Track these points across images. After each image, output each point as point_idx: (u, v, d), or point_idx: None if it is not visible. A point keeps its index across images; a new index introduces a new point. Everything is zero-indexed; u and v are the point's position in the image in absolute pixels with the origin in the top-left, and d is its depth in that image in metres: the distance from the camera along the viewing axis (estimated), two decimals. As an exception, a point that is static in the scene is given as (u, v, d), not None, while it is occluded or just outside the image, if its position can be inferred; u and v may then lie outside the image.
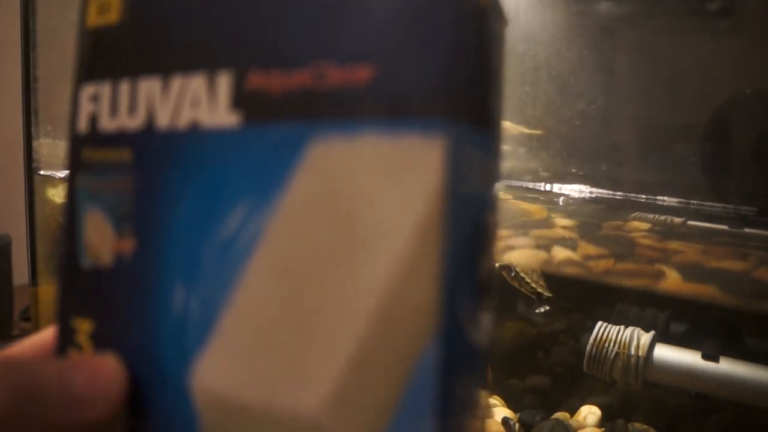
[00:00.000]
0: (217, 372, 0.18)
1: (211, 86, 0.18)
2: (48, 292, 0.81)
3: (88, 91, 0.20)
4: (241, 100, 0.17)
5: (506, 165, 0.52)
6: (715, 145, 0.38)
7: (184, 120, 0.18)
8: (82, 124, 0.20)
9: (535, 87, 0.43)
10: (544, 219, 0.48)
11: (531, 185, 0.55)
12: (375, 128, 0.16)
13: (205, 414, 0.18)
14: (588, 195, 0.48)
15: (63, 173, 0.78)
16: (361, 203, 0.16)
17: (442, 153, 0.15)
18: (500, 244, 0.44)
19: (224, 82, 0.18)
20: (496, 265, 0.59)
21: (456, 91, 0.15)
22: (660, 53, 0.40)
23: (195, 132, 0.18)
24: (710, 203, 0.40)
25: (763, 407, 0.44)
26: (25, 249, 0.82)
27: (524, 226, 0.46)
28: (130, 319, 0.19)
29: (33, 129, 0.77)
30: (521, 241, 0.45)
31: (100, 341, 0.20)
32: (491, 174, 0.17)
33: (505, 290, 0.59)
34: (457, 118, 0.15)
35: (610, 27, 0.43)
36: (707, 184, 0.39)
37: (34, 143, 0.78)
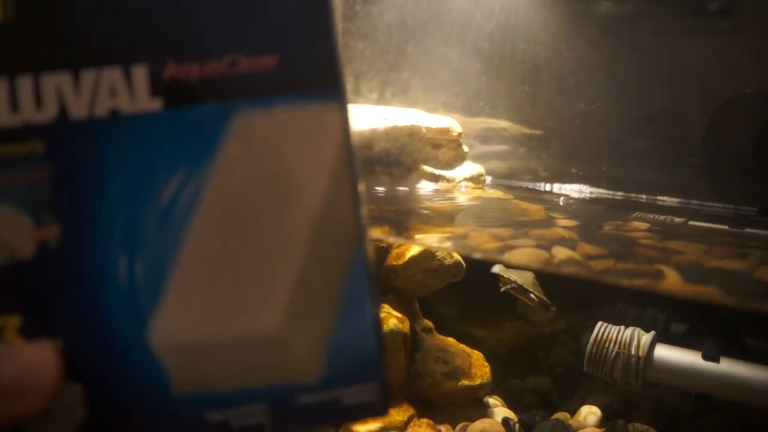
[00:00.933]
0: (177, 321, 0.20)
1: (128, 78, 0.20)
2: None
3: None
4: (160, 88, 0.20)
5: (506, 165, 0.52)
6: (715, 144, 0.38)
7: (102, 109, 0.20)
8: None
9: (535, 87, 0.43)
10: (544, 219, 0.48)
11: (531, 185, 0.55)
12: (285, 101, 0.21)
13: (171, 364, 0.20)
14: (588, 195, 0.48)
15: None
16: (284, 159, 0.20)
17: (338, 114, 0.21)
18: (500, 244, 0.44)
19: (141, 74, 0.20)
20: (500, 275, 0.59)
21: (339, 69, 0.21)
22: (660, 53, 0.40)
23: (116, 118, 0.20)
24: (710, 203, 0.40)
25: (764, 407, 0.44)
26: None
27: (524, 226, 0.46)
28: (68, 301, 0.20)
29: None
30: (521, 241, 0.45)
31: (33, 332, 0.20)
32: (350, 122, 0.22)
33: (505, 290, 0.59)
34: (339, 89, 0.21)
35: (611, 27, 0.43)
36: (707, 184, 0.39)
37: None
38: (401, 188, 0.51)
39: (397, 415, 0.54)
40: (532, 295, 0.57)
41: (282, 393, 0.20)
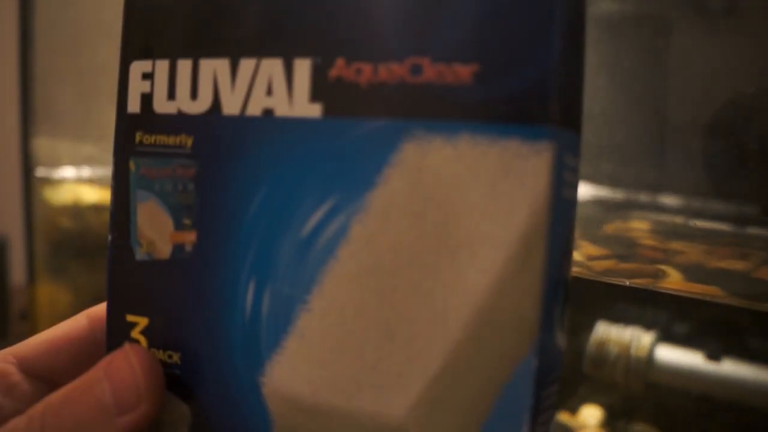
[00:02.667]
0: (294, 374, 0.17)
1: (289, 73, 0.17)
2: (45, 292, 0.81)
3: (139, 68, 0.19)
4: (322, 90, 0.16)
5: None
6: (717, 144, 0.37)
7: (255, 107, 0.17)
8: (134, 105, 0.19)
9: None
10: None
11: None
12: (476, 130, 0.15)
13: (279, 416, 0.17)
14: (589, 195, 0.48)
15: (60, 173, 0.77)
16: (459, 209, 0.15)
17: (549, 162, 0.14)
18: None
19: (304, 69, 0.16)
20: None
21: (561, 94, 0.15)
22: (662, 53, 0.40)
23: (269, 121, 0.17)
24: (713, 203, 0.40)
25: (766, 408, 0.44)
26: (22, 249, 0.82)
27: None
28: (191, 315, 0.18)
29: (30, 128, 0.76)
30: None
31: (156, 338, 0.19)
32: (578, 177, 0.17)
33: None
34: (562, 124, 0.15)
35: (612, 26, 0.42)
36: (710, 184, 0.39)
37: (32, 143, 0.77)
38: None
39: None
40: None
41: None
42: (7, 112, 0.80)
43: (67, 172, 0.76)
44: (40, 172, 0.77)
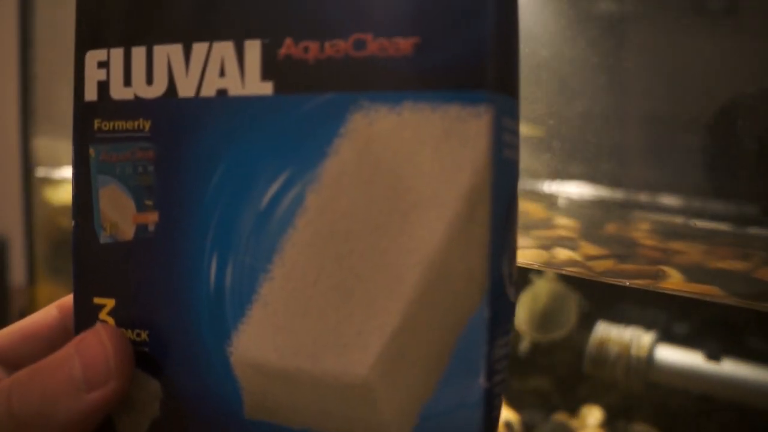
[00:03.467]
0: (260, 341, 0.17)
1: (240, 55, 0.17)
2: (45, 292, 0.81)
3: (94, 57, 0.19)
4: (273, 69, 0.17)
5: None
6: (718, 144, 0.37)
7: (209, 89, 0.18)
8: (91, 93, 0.19)
9: (536, 87, 0.43)
10: (544, 219, 0.48)
11: (531, 185, 0.55)
12: (418, 99, 0.16)
13: (247, 384, 0.18)
14: (589, 195, 0.48)
15: (60, 173, 0.77)
16: (406, 173, 0.16)
17: (488, 124, 0.15)
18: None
19: (254, 51, 0.17)
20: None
21: (497, 60, 0.16)
22: (662, 52, 0.40)
23: (223, 101, 0.18)
24: (713, 203, 0.40)
25: (766, 408, 0.44)
26: (22, 250, 0.82)
27: (524, 226, 0.46)
28: (157, 293, 0.19)
29: (30, 128, 0.77)
30: (522, 241, 0.45)
31: (124, 318, 0.19)
32: (518, 140, 0.17)
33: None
34: (499, 88, 0.16)
35: (612, 26, 0.42)
36: (710, 184, 0.39)
37: (32, 143, 0.77)
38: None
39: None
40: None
41: None
42: (7, 112, 0.80)
43: (67, 172, 0.76)
44: (40, 172, 0.77)
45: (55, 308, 0.22)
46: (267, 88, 0.17)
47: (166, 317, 0.18)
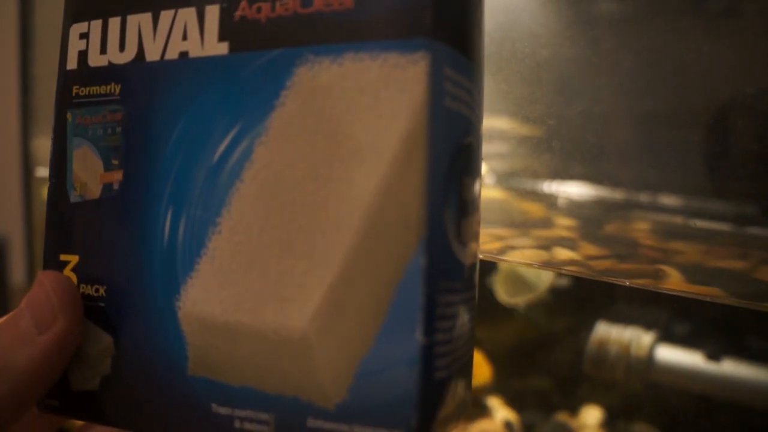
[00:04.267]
0: (206, 295, 0.18)
1: (201, 19, 0.18)
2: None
3: (77, 30, 0.21)
4: (229, 30, 0.18)
5: (506, 165, 0.52)
6: (717, 144, 0.37)
7: (173, 52, 0.19)
8: (72, 62, 0.21)
9: (536, 87, 0.43)
10: (544, 219, 0.48)
11: (531, 185, 0.55)
12: (359, 50, 0.16)
13: (193, 338, 0.18)
14: (589, 195, 0.48)
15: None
16: (347, 120, 0.16)
17: (425, 69, 0.16)
18: (501, 244, 0.44)
19: (213, 15, 0.18)
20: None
21: (438, 12, 0.16)
22: (662, 52, 0.40)
23: (184, 62, 0.19)
24: (713, 203, 0.40)
25: (766, 408, 0.44)
26: (22, 250, 0.82)
27: (524, 226, 0.46)
28: (116, 249, 0.19)
29: (30, 128, 0.76)
30: (521, 241, 0.45)
31: (85, 274, 0.19)
32: (473, 99, 0.17)
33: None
34: (437, 38, 0.16)
35: (612, 26, 0.42)
36: (710, 184, 0.39)
37: (32, 143, 0.77)
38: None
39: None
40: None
41: (292, 408, 0.16)
42: (7, 112, 0.80)
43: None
44: (40, 172, 0.77)
45: None
46: (223, 48, 0.18)
47: (122, 273, 0.19)
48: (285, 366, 0.17)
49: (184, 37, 0.18)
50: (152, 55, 0.19)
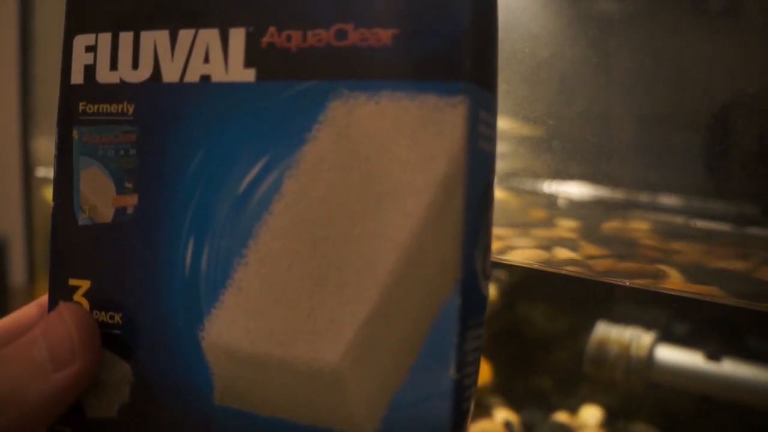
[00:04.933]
0: (232, 326, 0.17)
1: (224, 42, 0.18)
2: (45, 292, 0.81)
3: (82, 42, 0.20)
4: (256, 56, 0.17)
5: (506, 165, 0.52)
6: (717, 145, 0.37)
7: (193, 75, 0.18)
8: (77, 76, 0.20)
9: (536, 87, 0.43)
10: (544, 219, 0.48)
11: (531, 185, 0.55)
12: (397, 88, 0.16)
13: (219, 369, 0.18)
14: (589, 195, 0.48)
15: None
16: (383, 160, 0.16)
17: (464, 114, 0.16)
18: (501, 244, 0.44)
19: (238, 39, 0.17)
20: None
21: (474, 54, 0.16)
22: (662, 52, 0.40)
23: (206, 87, 0.18)
24: (713, 203, 0.40)
25: (766, 408, 0.44)
26: (22, 250, 0.82)
27: (524, 226, 0.46)
28: (132, 276, 0.19)
29: (30, 128, 0.76)
30: (521, 241, 0.45)
31: (98, 300, 0.19)
32: (494, 134, 0.18)
33: (505, 290, 0.58)
34: (475, 81, 0.16)
35: (612, 26, 0.42)
36: (710, 184, 0.39)
37: (32, 143, 0.77)
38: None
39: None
40: None
41: None
42: (7, 112, 0.80)
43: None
44: (40, 172, 0.77)
45: (35, 306, 0.22)
46: (250, 75, 0.17)
47: (139, 300, 0.18)
48: (317, 397, 0.17)
49: (206, 60, 0.18)
50: (170, 76, 0.18)
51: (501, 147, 0.53)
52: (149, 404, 0.18)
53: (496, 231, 0.46)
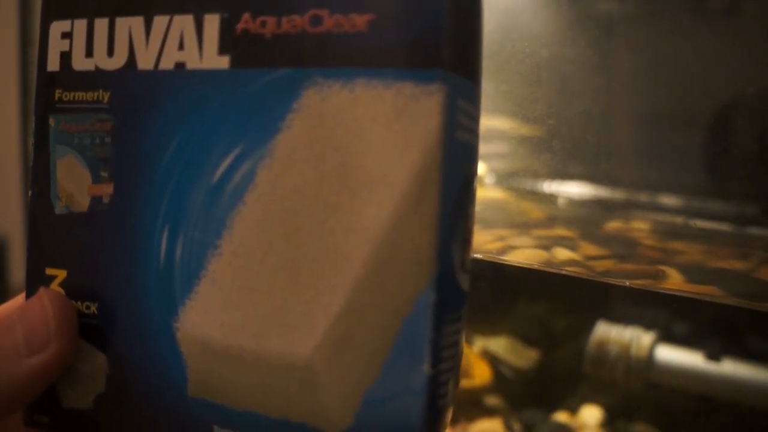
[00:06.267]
0: (206, 318, 0.17)
1: (199, 28, 0.17)
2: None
3: (58, 28, 0.19)
4: (231, 43, 0.17)
5: (506, 165, 0.52)
6: (718, 145, 0.37)
7: (168, 62, 0.18)
8: (53, 63, 0.19)
9: (536, 87, 0.43)
10: (544, 219, 0.48)
11: (531, 185, 0.55)
12: (372, 76, 0.16)
13: (192, 360, 0.17)
14: (589, 195, 0.48)
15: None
16: (357, 150, 0.16)
17: (441, 103, 0.15)
18: (501, 244, 0.44)
19: (213, 25, 0.17)
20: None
21: (453, 41, 0.15)
22: (662, 52, 0.40)
23: (181, 74, 0.17)
24: (713, 203, 0.40)
25: (766, 408, 0.44)
26: (23, 250, 0.82)
27: (524, 226, 0.46)
28: (108, 265, 0.18)
29: (30, 129, 0.77)
30: (522, 241, 0.45)
31: (74, 289, 0.19)
32: (476, 123, 0.17)
33: (505, 290, 0.58)
34: (454, 69, 0.15)
35: (612, 26, 0.42)
36: (710, 184, 0.39)
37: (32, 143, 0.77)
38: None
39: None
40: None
41: None
42: (7, 112, 0.80)
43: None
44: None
45: (22, 298, 0.22)
46: (224, 62, 0.17)
47: (115, 290, 0.18)
48: (290, 391, 0.16)
49: (181, 47, 0.17)
50: (145, 63, 0.18)
51: (501, 147, 0.53)
52: (124, 395, 0.18)
53: (496, 231, 0.46)
